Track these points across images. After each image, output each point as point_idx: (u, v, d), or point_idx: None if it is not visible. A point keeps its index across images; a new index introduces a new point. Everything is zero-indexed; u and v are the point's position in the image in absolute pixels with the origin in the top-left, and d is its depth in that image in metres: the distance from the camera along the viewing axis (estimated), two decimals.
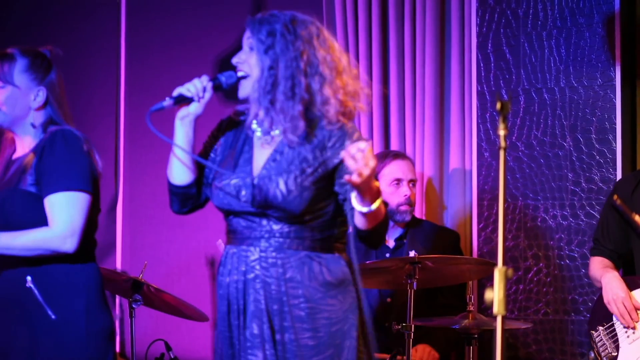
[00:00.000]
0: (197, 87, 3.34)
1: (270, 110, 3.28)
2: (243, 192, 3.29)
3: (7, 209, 3.44)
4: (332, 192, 3.31)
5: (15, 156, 3.58)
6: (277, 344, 3.27)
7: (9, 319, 3.44)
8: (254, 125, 3.38)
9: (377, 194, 3.17)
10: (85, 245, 3.48)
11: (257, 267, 3.29)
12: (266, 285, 3.28)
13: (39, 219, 3.42)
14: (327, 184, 3.29)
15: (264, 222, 3.30)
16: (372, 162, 3.04)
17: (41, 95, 3.54)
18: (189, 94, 3.35)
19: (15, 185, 3.45)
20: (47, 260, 3.42)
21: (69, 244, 3.41)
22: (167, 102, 3.34)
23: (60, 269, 3.44)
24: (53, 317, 3.40)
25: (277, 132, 3.33)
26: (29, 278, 3.42)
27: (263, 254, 3.29)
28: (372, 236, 3.30)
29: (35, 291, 3.41)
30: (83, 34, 6.15)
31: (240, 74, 3.33)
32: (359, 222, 3.24)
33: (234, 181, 3.32)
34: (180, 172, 3.45)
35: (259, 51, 3.29)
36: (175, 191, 3.49)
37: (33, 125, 3.54)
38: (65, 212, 3.41)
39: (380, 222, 3.25)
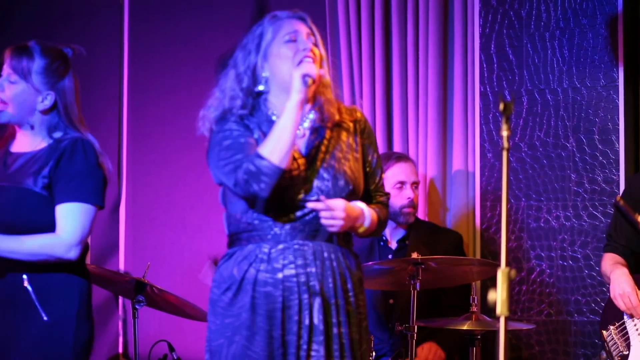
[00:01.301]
0: (316, 71, 3.35)
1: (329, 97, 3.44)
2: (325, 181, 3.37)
3: (13, 208, 3.43)
4: None
5: (16, 149, 3.55)
6: (335, 337, 3.29)
7: (4, 320, 3.45)
8: (274, 117, 3.40)
9: (359, 219, 3.37)
10: (83, 252, 3.50)
11: (317, 262, 3.32)
12: (324, 279, 3.31)
13: (47, 223, 3.43)
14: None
15: (313, 214, 3.32)
16: (340, 220, 3.28)
17: (49, 99, 3.50)
18: (314, 77, 3.33)
19: (22, 184, 3.44)
20: (48, 266, 3.43)
21: (73, 253, 3.43)
22: (310, 82, 3.31)
23: (60, 275, 3.46)
24: (45, 318, 3.42)
25: (306, 124, 3.40)
26: (24, 277, 3.42)
27: (318, 248, 3.33)
28: (370, 236, 3.53)
29: (31, 291, 3.42)
30: (86, 35, 6.14)
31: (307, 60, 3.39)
32: None
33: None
34: (290, 155, 3.29)
35: (319, 46, 3.42)
36: (280, 175, 3.26)
37: (32, 127, 3.51)
38: (75, 222, 3.43)
39: (375, 230, 3.46)
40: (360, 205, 3.37)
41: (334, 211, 3.27)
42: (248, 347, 3.29)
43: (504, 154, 2.60)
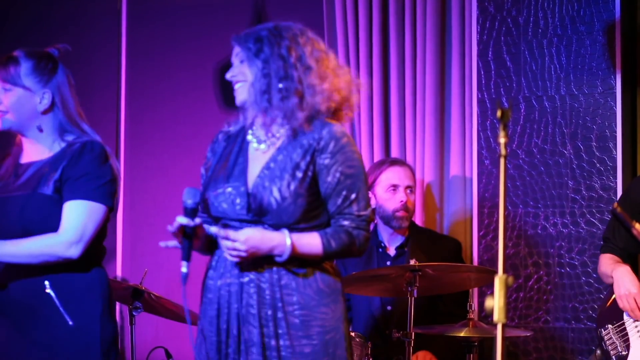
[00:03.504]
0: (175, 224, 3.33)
1: (268, 109, 3.32)
2: (238, 201, 3.30)
3: (27, 214, 3.44)
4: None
5: (25, 160, 3.57)
6: (270, 350, 3.26)
7: (27, 326, 3.44)
8: (249, 137, 3.41)
9: (274, 250, 3.25)
10: (96, 253, 3.50)
11: (253, 271, 3.29)
12: (260, 290, 3.28)
13: (59, 225, 3.43)
14: (319, 190, 3.32)
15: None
16: (240, 252, 3.23)
17: (47, 97, 3.52)
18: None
19: (34, 190, 3.45)
20: (61, 268, 3.42)
21: (74, 251, 3.41)
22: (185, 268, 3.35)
23: (78, 276, 3.46)
24: (70, 323, 3.41)
25: (273, 139, 3.36)
26: (47, 283, 3.42)
27: (260, 258, 3.28)
28: (328, 259, 3.37)
29: (54, 297, 3.41)
30: (84, 41, 6.15)
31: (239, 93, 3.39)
32: None
33: (228, 189, 3.33)
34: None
35: (249, 57, 3.34)
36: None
37: (40, 129, 3.53)
38: (78, 219, 3.43)
39: (321, 258, 3.31)
40: (280, 236, 3.25)
41: (235, 242, 3.23)
42: (200, 352, 3.38)
43: (502, 160, 2.60)
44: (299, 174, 3.27)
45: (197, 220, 3.27)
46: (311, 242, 3.27)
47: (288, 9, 5.71)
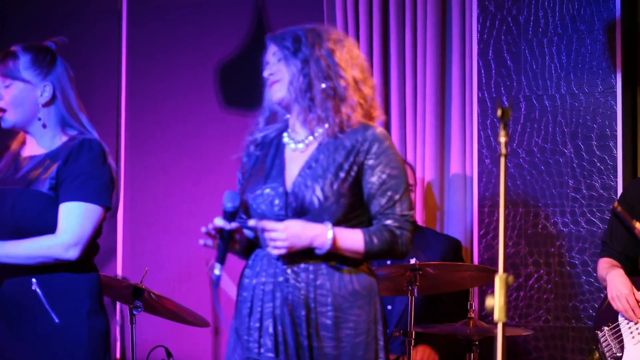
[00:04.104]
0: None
1: (311, 107, 3.31)
2: (276, 202, 3.29)
3: (18, 210, 3.43)
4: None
5: (26, 154, 3.56)
6: (303, 349, 3.24)
7: (16, 323, 3.44)
8: (286, 139, 3.40)
9: (314, 242, 3.23)
10: (88, 251, 3.49)
11: (288, 271, 3.27)
12: (295, 290, 3.26)
13: (53, 223, 3.42)
14: (361, 191, 3.31)
15: None
16: (282, 241, 3.21)
17: (48, 90, 3.51)
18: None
19: (29, 185, 3.44)
20: (52, 267, 3.42)
21: (72, 253, 3.40)
22: (218, 269, 3.26)
23: (65, 275, 3.44)
24: (57, 321, 3.41)
25: (311, 138, 3.36)
26: (34, 281, 3.42)
27: (295, 259, 3.27)
28: (368, 259, 3.36)
29: (40, 294, 3.41)
30: (84, 40, 6.15)
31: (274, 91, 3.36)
32: None
33: (266, 191, 3.32)
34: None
35: (286, 56, 3.33)
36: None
37: (43, 125, 3.52)
38: (75, 221, 3.41)
39: (362, 255, 3.29)
40: (322, 227, 3.23)
41: (275, 232, 3.21)
42: (231, 347, 3.36)
43: (502, 160, 2.60)
44: (342, 175, 3.28)
45: (234, 224, 3.23)
46: (353, 237, 3.26)
47: (288, 8, 5.72)
